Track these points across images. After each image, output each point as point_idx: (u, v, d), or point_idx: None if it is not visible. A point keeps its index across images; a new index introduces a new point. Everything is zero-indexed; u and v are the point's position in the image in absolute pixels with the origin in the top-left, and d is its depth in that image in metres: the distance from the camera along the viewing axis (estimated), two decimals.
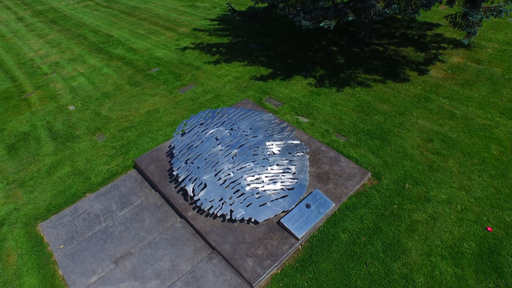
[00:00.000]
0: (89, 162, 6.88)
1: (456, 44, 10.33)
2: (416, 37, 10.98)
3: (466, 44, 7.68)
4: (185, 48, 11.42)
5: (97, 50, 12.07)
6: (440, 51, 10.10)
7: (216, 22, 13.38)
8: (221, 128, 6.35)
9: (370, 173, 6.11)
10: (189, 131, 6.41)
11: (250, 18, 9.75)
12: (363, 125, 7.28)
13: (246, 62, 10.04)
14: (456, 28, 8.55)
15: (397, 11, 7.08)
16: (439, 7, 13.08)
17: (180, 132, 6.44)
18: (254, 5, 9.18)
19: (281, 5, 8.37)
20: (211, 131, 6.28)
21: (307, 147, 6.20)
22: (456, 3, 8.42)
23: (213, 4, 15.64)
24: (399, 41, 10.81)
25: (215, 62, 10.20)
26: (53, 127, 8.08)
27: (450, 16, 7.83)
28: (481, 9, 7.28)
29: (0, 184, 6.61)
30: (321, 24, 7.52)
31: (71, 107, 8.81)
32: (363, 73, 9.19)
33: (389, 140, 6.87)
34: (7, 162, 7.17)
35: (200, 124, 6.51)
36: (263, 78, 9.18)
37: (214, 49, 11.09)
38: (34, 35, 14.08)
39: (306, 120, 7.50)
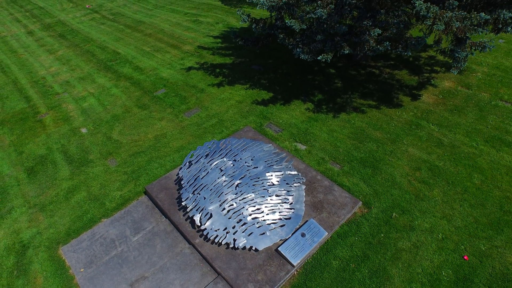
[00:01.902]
0: (103, 188, 7.49)
1: (448, 67, 10.83)
2: (411, 59, 11.48)
3: (455, 74, 8.21)
4: (189, 68, 11.97)
5: (105, 69, 12.63)
6: (433, 74, 10.61)
7: (219, 40, 13.90)
8: (225, 159, 6.93)
9: (361, 202, 6.69)
10: (196, 162, 6.99)
11: (252, 43, 10.28)
12: (357, 153, 7.84)
13: (248, 85, 10.59)
14: (446, 57, 9.07)
15: (389, 48, 7.61)
16: None
17: (187, 163, 7.02)
18: (253, 30, 9.63)
19: (281, 36, 8.90)
20: (215, 162, 6.86)
21: (303, 178, 6.77)
22: (444, 38, 8.92)
23: (216, 19, 16.14)
24: (395, 63, 11.32)
25: (219, 85, 10.75)
26: (68, 151, 8.68)
27: (439, 50, 8.35)
28: (467, 45, 7.79)
29: (23, 208, 7.23)
30: (319, 58, 8.05)
31: (83, 130, 9.40)
32: (358, 98, 9.73)
33: (380, 169, 7.43)
34: (28, 185, 7.79)
35: (206, 155, 7.09)
36: (264, 103, 9.73)
37: (218, 70, 11.64)
38: (44, 51, 14.65)
39: (303, 147, 8.07)
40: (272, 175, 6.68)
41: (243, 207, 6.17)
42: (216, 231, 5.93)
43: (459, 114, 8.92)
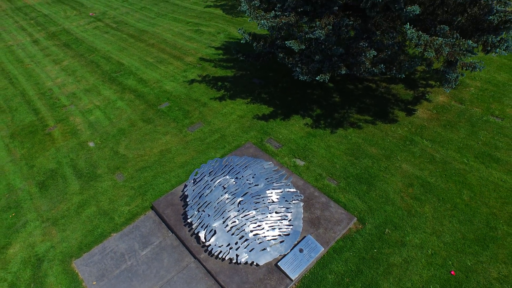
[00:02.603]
0: (112, 203, 7.89)
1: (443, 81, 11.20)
2: (407, 72, 11.84)
3: (448, 92, 8.59)
4: (192, 81, 12.34)
5: (110, 80, 13.01)
6: (428, 89, 10.98)
7: (220, 51, 14.26)
8: (227, 177, 7.33)
9: (356, 218, 7.09)
10: (200, 180, 7.39)
11: (253, 59, 10.65)
12: (353, 169, 8.23)
13: (249, 100, 10.98)
14: (439, 76, 9.44)
15: (384, 70, 7.99)
16: None
17: (192, 181, 7.42)
18: (254, 48, 9.99)
19: (281, 55, 9.27)
20: (218, 180, 7.26)
21: (301, 195, 7.17)
22: (435, 60, 9.27)
23: (217, 29, 16.48)
24: (391, 77, 11.69)
25: (221, 99, 11.13)
26: (77, 165, 9.08)
27: (431, 70, 8.72)
28: (458, 66, 8.16)
29: (36, 222, 7.64)
30: (317, 78, 8.43)
31: (91, 144, 9.79)
32: (355, 113, 10.11)
33: (375, 185, 7.83)
34: (40, 199, 8.19)
35: (209, 173, 7.49)
36: (264, 118, 10.12)
37: (220, 83, 12.01)
38: (50, 61, 15.01)
39: (302, 163, 8.46)
40: (272, 193, 7.08)
41: (245, 224, 6.57)
42: (220, 247, 6.34)
43: (452, 130, 9.30)
